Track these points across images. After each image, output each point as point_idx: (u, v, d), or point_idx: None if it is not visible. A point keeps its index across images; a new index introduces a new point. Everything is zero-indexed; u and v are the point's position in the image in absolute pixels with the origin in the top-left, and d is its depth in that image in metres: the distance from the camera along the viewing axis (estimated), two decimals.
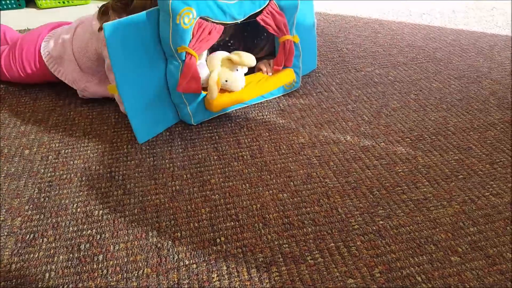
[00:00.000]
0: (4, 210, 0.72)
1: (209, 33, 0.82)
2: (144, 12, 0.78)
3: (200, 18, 0.80)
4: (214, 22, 0.83)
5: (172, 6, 0.76)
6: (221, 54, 0.91)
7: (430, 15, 1.59)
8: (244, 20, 0.88)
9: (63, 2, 1.64)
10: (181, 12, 0.77)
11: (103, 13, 0.87)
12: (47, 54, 0.99)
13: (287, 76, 1.01)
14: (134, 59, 0.79)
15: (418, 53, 1.28)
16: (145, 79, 0.83)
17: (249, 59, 0.89)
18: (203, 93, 0.90)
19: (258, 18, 0.90)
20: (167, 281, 0.60)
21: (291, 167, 0.82)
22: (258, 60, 0.97)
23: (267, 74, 1.00)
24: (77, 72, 0.97)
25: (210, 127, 0.93)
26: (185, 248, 0.65)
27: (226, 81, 0.90)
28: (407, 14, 1.59)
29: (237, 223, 0.69)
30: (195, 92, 0.86)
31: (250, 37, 1.02)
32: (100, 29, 0.87)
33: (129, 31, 0.77)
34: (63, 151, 0.86)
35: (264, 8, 0.90)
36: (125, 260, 0.63)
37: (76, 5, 1.66)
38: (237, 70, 0.91)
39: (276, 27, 0.93)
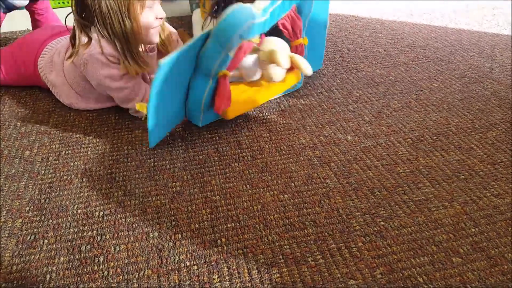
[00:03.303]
0: (5, 212, 0.72)
1: (244, 51, 0.83)
2: (194, 41, 0.77)
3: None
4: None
5: (232, 42, 0.77)
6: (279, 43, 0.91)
7: (431, 15, 1.59)
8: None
9: (63, 3, 1.64)
10: (236, 45, 0.78)
11: (74, 37, 0.86)
12: (44, 76, 0.99)
13: (295, 78, 1.02)
14: (170, 84, 0.78)
15: (419, 53, 1.28)
16: (171, 96, 0.82)
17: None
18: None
19: (279, 23, 0.90)
20: (168, 283, 0.60)
21: (292, 168, 0.81)
22: None
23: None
24: (73, 96, 0.97)
25: (211, 128, 0.93)
26: (186, 250, 0.65)
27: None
28: (408, 14, 1.59)
29: (238, 224, 0.69)
30: (226, 107, 0.87)
31: None
32: (69, 57, 0.87)
33: (176, 63, 0.75)
34: (64, 152, 0.86)
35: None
36: (126, 261, 0.63)
37: None
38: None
39: (292, 32, 0.93)
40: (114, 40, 0.83)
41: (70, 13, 0.85)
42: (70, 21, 0.88)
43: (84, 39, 0.85)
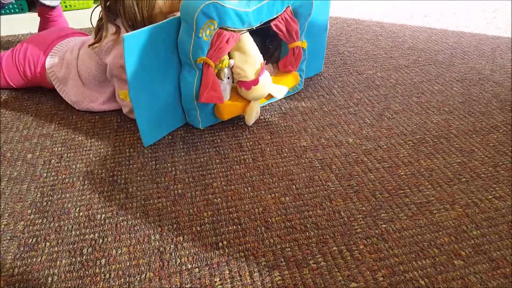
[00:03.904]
0: (7, 214, 0.72)
1: (227, 41, 0.82)
2: (163, 22, 0.79)
3: (220, 28, 0.81)
4: (232, 30, 0.83)
5: (196, 20, 0.76)
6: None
7: (431, 17, 1.59)
8: (258, 26, 0.88)
9: (65, 7, 1.65)
10: (204, 26, 0.77)
11: (99, 29, 0.88)
12: (52, 74, 1.00)
13: (294, 80, 1.02)
14: (148, 66, 0.80)
15: (420, 56, 1.28)
16: (156, 84, 0.83)
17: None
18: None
19: (272, 24, 0.90)
20: (169, 285, 0.60)
21: (293, 170, 0.82)
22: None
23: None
24: (81, 92, 0.97)
25: (212, 131, 0.93)
26: (187, 252, 0.65)
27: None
28: (409, 16, 1.60)
29: (239, 227, 0.69)
30: (217, 102, 0.87)
31: (257, 42, 1.02)
32: (91, 44, 0.89)
33: (147, 41, 0.77)
34: (66, 155, 0.86)
35: (280, 14, 0.90)
36: (128, 264, 0.63)
37: (79, 9, 1.67)
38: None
39: (287, 34, 0.93)
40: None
41: (96, 7, 0.88)
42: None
43: (112, 28, 0.87)
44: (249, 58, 0.88)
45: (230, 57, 0.89)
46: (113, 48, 0.88)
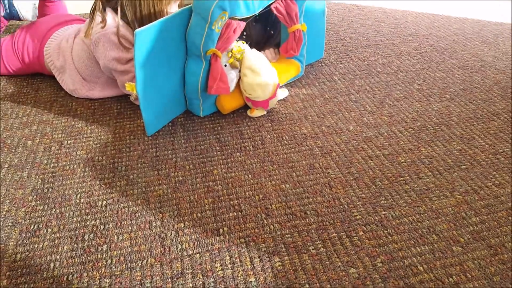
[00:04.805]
0: (8, 201, 0.72)
1: (234, 31, 0.82)
2: (173, 15, 0.78)
3: (229, 18, 0.80)
4: (238, 19, 0.82)
5: (212, 13, 0.76)
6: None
7: (434, 3, 1.57)
8: (261, 11, 0.87)
9: None
10: (218, 18, 0.77)
11: (91, 18, 0.88)
12: (51, 63, 0.99)
13: (295, 70, 1.02)
14: (157, 59, 0.79)
15: (422, 42, 1.27)
16: (163, 76, 0.83)
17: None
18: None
19: (272, 6, 0.90)
20: (170, 271, 0.61)
21: (294, 157, 0.82)
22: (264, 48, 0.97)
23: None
24: (79, 81, 0.97)
25: (213, 118, 0.93)
26: (188, 238, 0.65)
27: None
28: (411, 2, 1.57)
29: (240, 213, 0.70)
30: (225, 93, 0.86)
31: (259, 27, 1.01)
32: (86, 35, 0.89)
33: (157, 35, 0.77)
34: (66, 141, 0.86)
35: None
36: (129, 250, 0.64)
37: None
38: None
39: (287, 16, 0.92)
40: (133, 23, 0.86)
41: None
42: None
43: (99, 19, 0.86)
44: (261, 79, 0.87)
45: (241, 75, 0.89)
46: (99, 42, 0.87)
